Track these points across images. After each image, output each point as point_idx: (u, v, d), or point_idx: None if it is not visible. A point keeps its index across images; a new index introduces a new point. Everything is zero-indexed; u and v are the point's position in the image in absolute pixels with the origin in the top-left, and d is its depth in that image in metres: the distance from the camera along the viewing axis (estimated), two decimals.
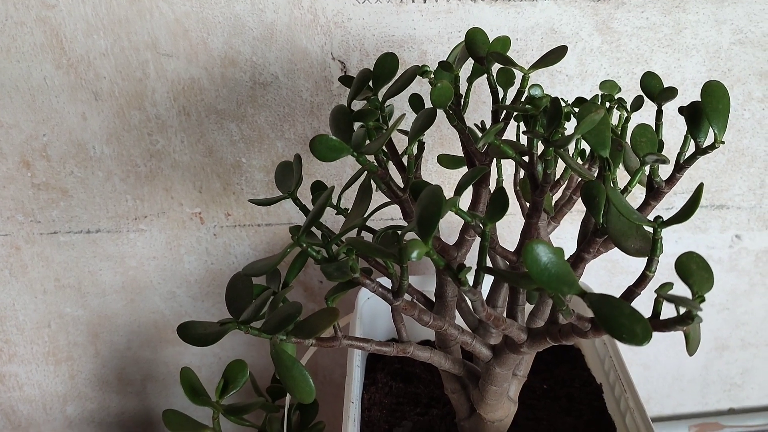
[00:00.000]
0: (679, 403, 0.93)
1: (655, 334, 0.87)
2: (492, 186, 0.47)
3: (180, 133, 0.70)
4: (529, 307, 0.47)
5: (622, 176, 0.57)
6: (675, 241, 0.80)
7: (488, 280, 0.53)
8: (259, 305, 0.39)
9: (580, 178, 0.50)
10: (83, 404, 0.86)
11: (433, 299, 0.48)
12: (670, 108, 0.66)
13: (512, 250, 0.44)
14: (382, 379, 0.60)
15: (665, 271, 0.83)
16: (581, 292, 0.28)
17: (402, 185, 0.44)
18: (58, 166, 0.71)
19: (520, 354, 0.40)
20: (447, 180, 0.73)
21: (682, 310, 0.28)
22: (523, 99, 0.40)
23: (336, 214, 0.56)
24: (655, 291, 0.30)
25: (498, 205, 0.33)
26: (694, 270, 0.27)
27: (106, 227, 0.75)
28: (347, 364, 0.56)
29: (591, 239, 0.36)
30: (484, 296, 0.51)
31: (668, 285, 0.30)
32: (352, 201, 0.49)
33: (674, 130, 0.71)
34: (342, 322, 0.65)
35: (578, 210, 0.71)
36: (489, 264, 0.53)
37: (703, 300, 0.27)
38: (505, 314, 0.49)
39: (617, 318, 0.26)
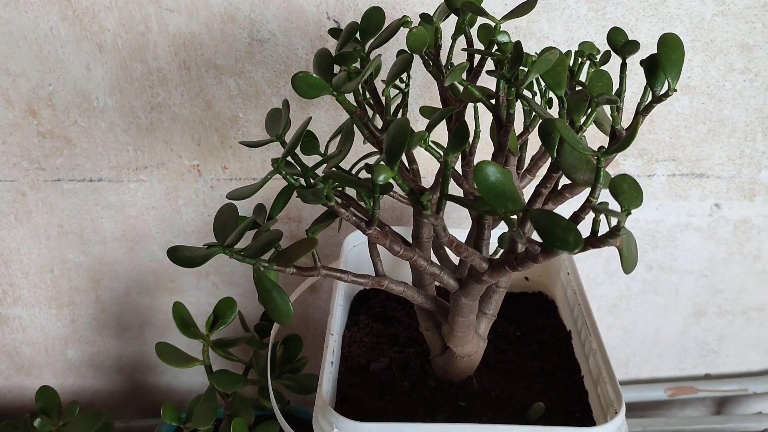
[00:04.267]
0: (657, 367, 0.97)
1: (635, 301, 0.89)
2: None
3: (180, 86, 0.73)
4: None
5: (594, 133, 0.59)
6: (656, 208, 0.83)
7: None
8: (242, 230, 0.42)
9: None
10: (83, 348, 0.90)
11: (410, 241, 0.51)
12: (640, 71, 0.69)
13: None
14: (364, 321, 0.63)
15: (645, 236, 0.85)
16: (524, 208, 0.31)
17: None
18: (62, 116, 0.74)
19: (482, 283, 0.43)
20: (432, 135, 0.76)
21: (614, 224, 0.30)
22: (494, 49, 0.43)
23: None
24: (591, 208, 0.33)
25: (459, 136, 0.36)
26: (625, 189, 0.30)
27: (107, 176, 0.78)
28: (330, 303, 0.59)
29: (547, 174, 0.39)
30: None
31: (604, 203, 0.33)
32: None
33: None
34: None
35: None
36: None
37: (629, 214, 0.30)
38: None
39: (553, 228, 0.29)
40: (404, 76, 0.49)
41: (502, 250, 0.52)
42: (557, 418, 0.54)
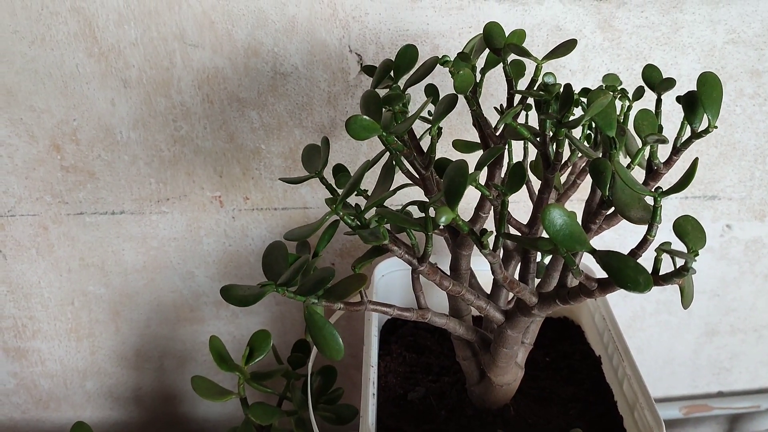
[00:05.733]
0: (670, 386, 0.98)
1: (648, 321, 0.91)
2: (504, 168, 0.51)
3: (203, 119, 0.74)
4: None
5: (623, 162, 0.62)
6: (670, 230, 0.85)
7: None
8: (297, 268, 0.43)
9: (583, 164, 0.54)
10: (102, 380, 0.90)
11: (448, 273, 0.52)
12: (666, 102, 0.71)
13: (525, 223, 0.48)
14: (396, 350, 0.64)
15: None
16: (591, 249, 0.32)
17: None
18: (86, 150, 0.75)
19: (531, 317, 0.44)
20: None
21: (679, 264, 0.32)
22: (536, 87, 0.44)
23: (356, 194, 0.60)
24: (655, 249, 0.34)
25: (516, 177, 0.37)
26: (690, 230, 0.31)
27: (130, 209, 0.79)
28: (365, 334, 0.60)
29: (597, 211, 0.40)
30: None
31: (667, 243, 0.34)
32: (371, 186, 0.53)
33: (669, 123, 0.76)
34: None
35: (579, 198, 0.76)
36: None
37: (697, 254, 0.31)
38: None
39: (623, 270, 0.31)
40: (431, 108, 0.51)
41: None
42: None
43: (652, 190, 0.43)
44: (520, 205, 0.80)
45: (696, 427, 1.02)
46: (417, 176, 0.52)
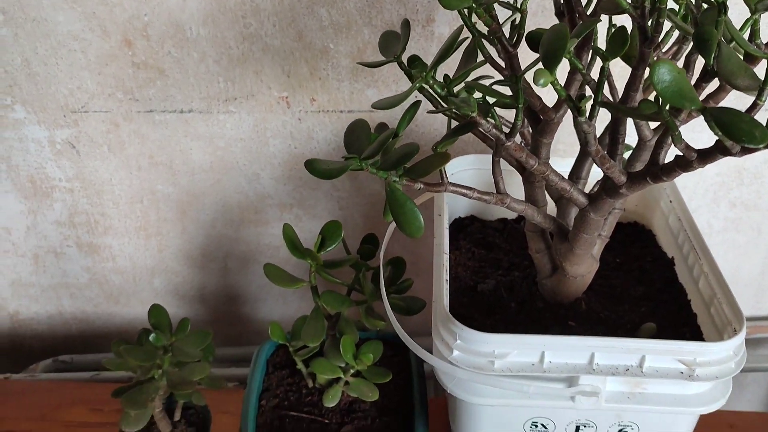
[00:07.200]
0: None
1: (715, 239, 0.89)
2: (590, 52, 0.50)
3: (272, 16, 0.73)
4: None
5: None
6: None
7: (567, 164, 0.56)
8: (382, 141, 0.43)
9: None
10: (169, 277, 0.93)
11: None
12: None
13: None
14: (465, 246, 0.64)
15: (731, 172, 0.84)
16: (702, 107, 0.31)
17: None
18: (156, 46, 0.75)
19: (617, 197, 0.43)
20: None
21: None
22: None
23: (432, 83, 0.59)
24: None
25: (618, 40, 0.36)
26: None
27: (198, 108, 0.79)
28: (435, 225, 0.60)
29: (697, 83, 0.39)
30: (571, 165, 0.55)
31: None
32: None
33: None
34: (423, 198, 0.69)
35: None
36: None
37: None
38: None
39: (738, 123, 0.30)
40: None
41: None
42: (668, 338, 0.54)
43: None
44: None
45: (755, 349, 1.01)
46: (499, 63, 0.50)
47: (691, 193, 0.87)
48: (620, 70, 0.60)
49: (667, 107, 0.33)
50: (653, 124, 0.48)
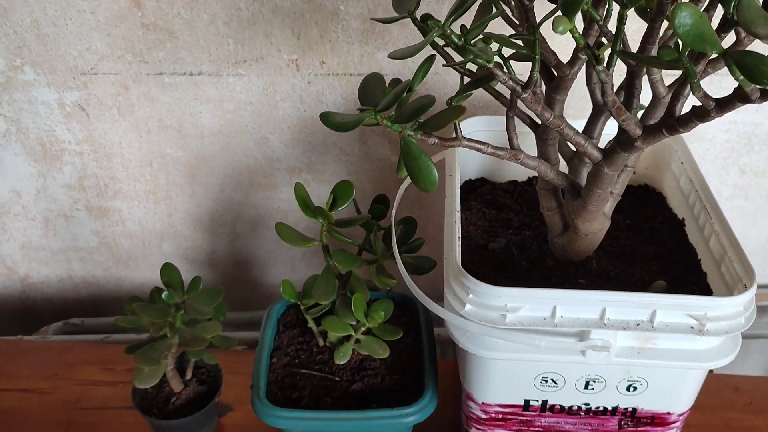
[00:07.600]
0: None
1: (723, 206, 0.88)
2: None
3: None
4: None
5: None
6: (755, 110, 0.82)
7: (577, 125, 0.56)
8: (398, 93, 0.43)
9: None
10: (178, 242, 0.93)
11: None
12: None
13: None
14: (476, 206, 0.64)
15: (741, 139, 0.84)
16: (723, 51, 0.31)
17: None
18: (166, 7, 0.75)
19: (633, 150, 0.44)
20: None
21: None
22: None
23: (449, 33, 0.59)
24: None
25: None
26: None
27: (207, 70, 0.79)
28: (446, 184, 0.61)
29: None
30: (581, 128, 0.55)
31: None
32: None
33: None
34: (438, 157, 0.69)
35: None
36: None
37: None
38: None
39: (760, 66, 0.30)
40: None
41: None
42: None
43: None
44: None
45: (761, 316, 1.02)
46: (514, 19, 0.50)
47: (701, 159, 0.87)
48: (632, 34, 0.59)
49: (686, 53, 0.33)
50: (667, 81, 0.48)
